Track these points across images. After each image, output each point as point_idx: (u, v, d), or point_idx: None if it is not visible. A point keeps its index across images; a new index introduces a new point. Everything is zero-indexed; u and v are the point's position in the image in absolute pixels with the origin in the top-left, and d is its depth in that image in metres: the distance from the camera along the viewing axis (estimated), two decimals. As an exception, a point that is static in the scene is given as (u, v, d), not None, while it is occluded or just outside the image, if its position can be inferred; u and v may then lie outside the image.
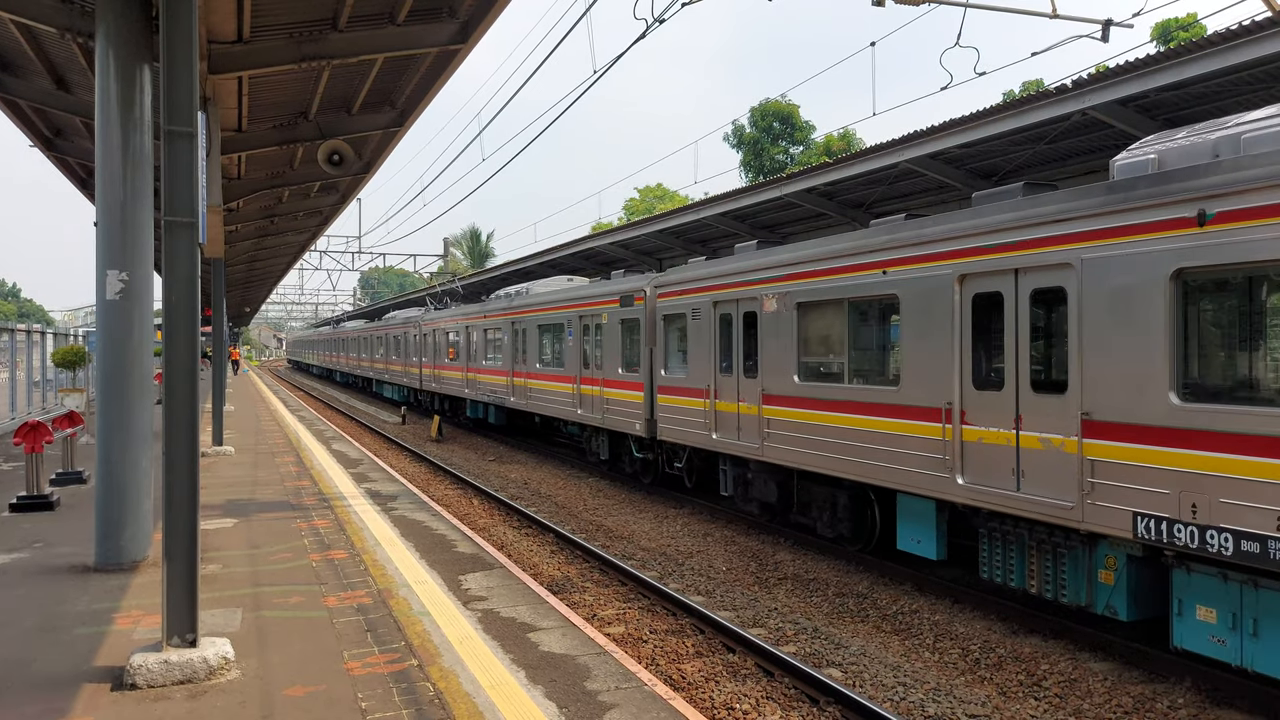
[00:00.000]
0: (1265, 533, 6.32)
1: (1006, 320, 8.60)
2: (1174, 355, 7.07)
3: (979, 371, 9.01)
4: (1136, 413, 7.30)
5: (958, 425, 9.11)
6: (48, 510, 11.38)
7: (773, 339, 12.17)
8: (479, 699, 5.55)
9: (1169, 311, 7.08)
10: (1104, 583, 7.95)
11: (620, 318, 16.91)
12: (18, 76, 12.76)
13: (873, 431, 10.28)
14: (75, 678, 5.77)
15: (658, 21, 10.29)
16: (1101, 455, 7.58)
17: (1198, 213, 6.80)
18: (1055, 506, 8.00)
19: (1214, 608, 6.98)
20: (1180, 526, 6.93)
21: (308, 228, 29.39)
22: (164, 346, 5.84)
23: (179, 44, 5.88)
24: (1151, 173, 7.55)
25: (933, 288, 9.41)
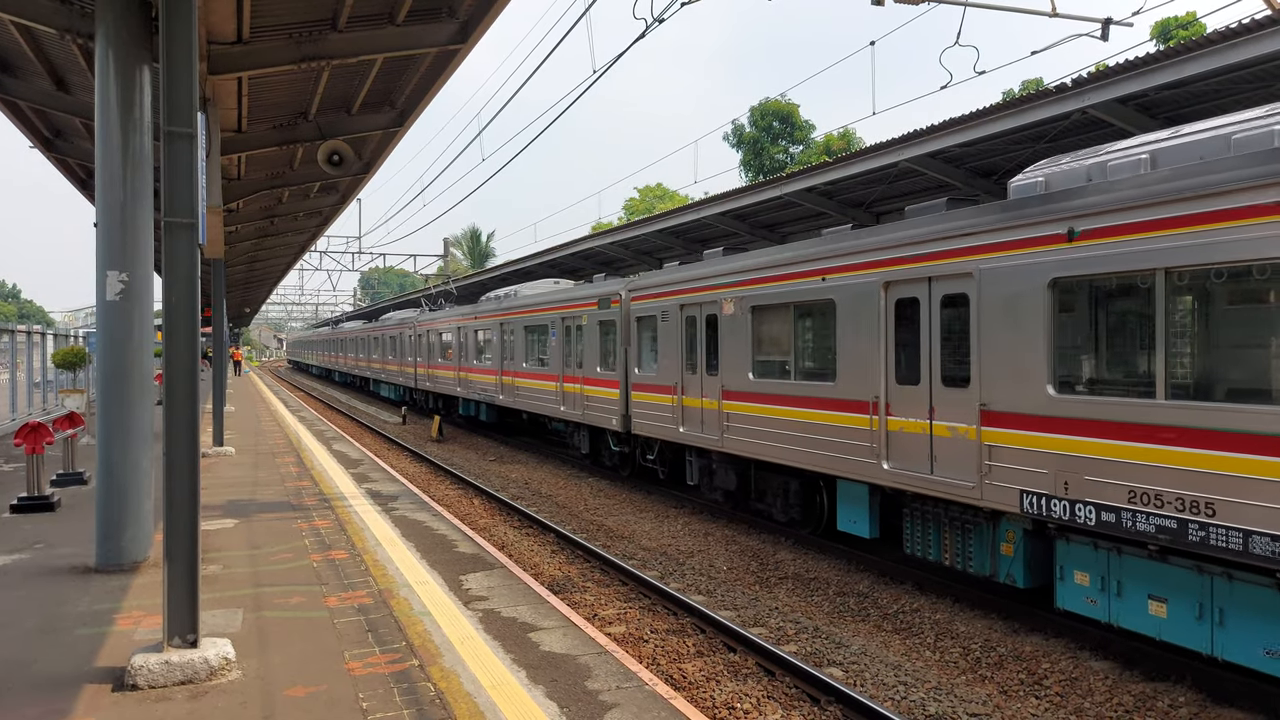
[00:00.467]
0: (1119, 504, 7.44)
1: (922, 323, 9.66)
2: (1050, 353, 8.15)
3: (901, 368, 10.02)
4: (1022, 403, 8.39)
5: (883, 416, 10.16)
6: (48, 511, 11.39)
7: (731, 339, 13.22)
8: (480, 699, 5.55)
9: (1046, 315, 8.15)
10: (1005, 554, 8.96)
11: (598, 319, 17.86)
12: (17, 77, 12.76)
13: (815, 423, 11.33)
14: (76, 678, 5.77)
15: (657, 21, 10.29)
16: (996, 441, 8.67)
17: (1068, 230, 7.89)
18: (961, 487, 9.03)
19: (1088, 573, 8.06)
20: (1056, 501, 8.01)
21: (308, 228, 29.39)
22: (164, 347, 5.84)
23: (179, 45, 5.88)
24: (1038, 194, 8.58)
25: (863, 293, 10.49)
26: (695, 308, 14.22)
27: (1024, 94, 13.22)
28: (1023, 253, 8.37)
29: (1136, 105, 11.66)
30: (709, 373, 13.82)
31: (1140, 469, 7.30)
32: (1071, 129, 12.65)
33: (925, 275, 9.51)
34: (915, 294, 9.73)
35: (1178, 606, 7.32)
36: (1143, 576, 7.58)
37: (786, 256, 12.01)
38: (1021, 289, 8.37)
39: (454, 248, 73.14)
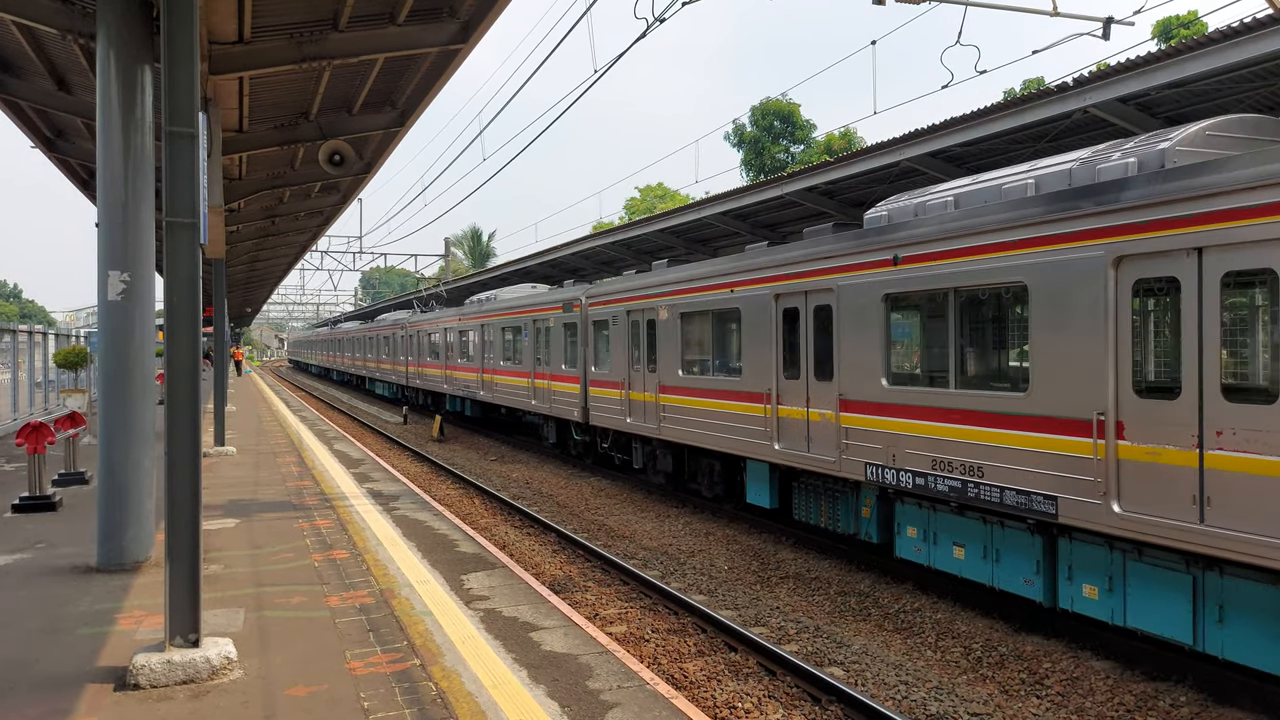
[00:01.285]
0: (926, 471, 9.45)
1: (801, 328, 11.60)
2: (884, 353, 10.22)
3: (787, 365, 12.00)
4: (866, 393, 10.44)
5: (775, 405, 12.14)
6: (50, 511, 11.40)
7: (665, 341, 15.13)
8: (481, 698, 5.55)
9: (881, 323, 10.21)
10: (864, 516, 10.93)
11: (563, 322, 19.71)
12: (19, 77, 12.76)
13: (728, 412, 13.21)
14: (78, 678, 5.78)
15: (658, 21, 10.30)
16: (850, 424, 10.70)
17: (894, 256, 9.93)
18: (827, 462, 11.03)
19: (915, 527, 9.98)
20: (888, 470, 10.03)
21: (309, 228, 29.40)
22: (165, 347, 5.84)
23: (180, 45, 5.88)
24: (879, 226, 10.60)
25: (760, 303, 12.40)
26: (639, 313, 16.11)
27: (1025, 93, 13.22)
28: (867, 273, 10.40)
29: (1138, 104, 11.65)
30: (649, 370, 15.67)
31: (939, 443, 9.30)
32: (1073, 128, 12.64)
33: (803, 289, 11.56)
34: (796, 304, 11.75)
35: (971, 549, 9.28)
36: (949, 528, 9.58)
37: (706, 271, 14.00)
38: (866, 302, 10.40)
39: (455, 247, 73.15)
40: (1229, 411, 6.68)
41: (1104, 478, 7.54)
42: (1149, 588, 7.49)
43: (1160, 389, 7.38)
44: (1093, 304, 7.67)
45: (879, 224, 10.68)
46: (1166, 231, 7.08)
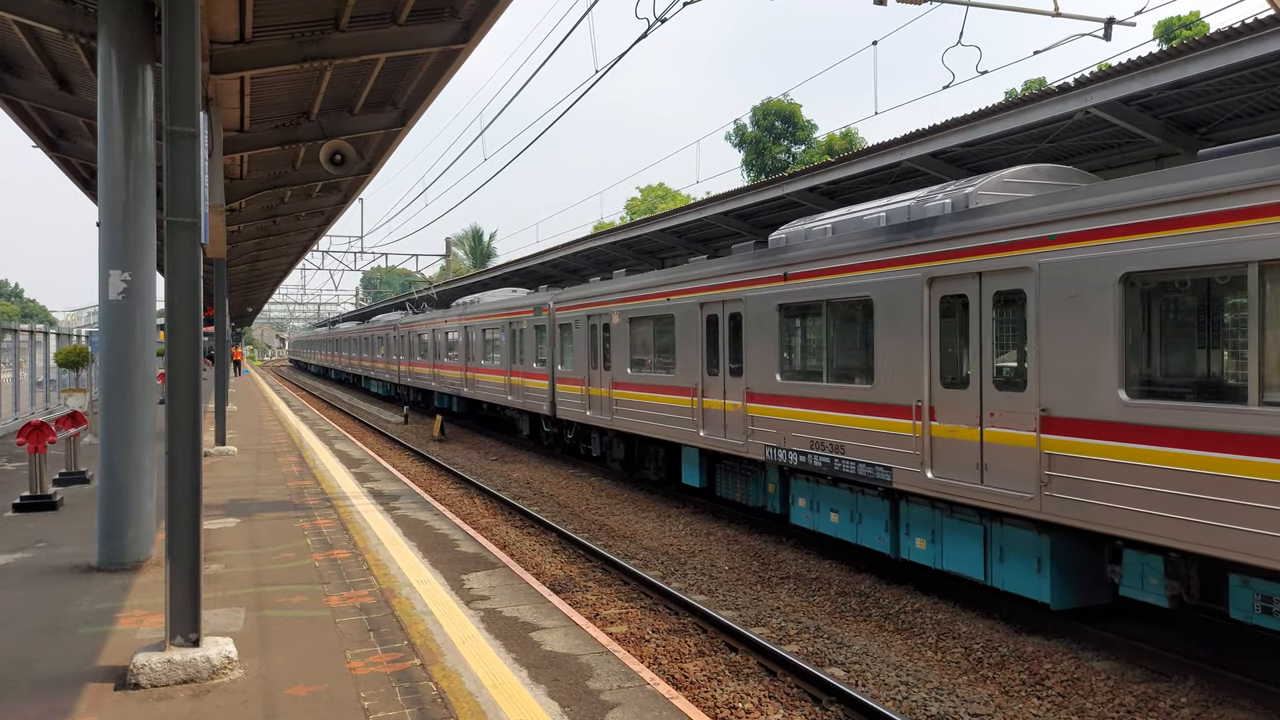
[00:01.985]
0: (806, 450, 11.40)
1: (719, 331, 13.51)
2: (779, 352, 12.17)
3: (710, 364, 13.82)
4: (766, 387, 12.33)
5: (700, 398, 14.05)
6: (51, 510, 11.40)
7: (617, 343, 16.99)
8: (481, 698, 5.55)
9: (776, 327, 12.15)
10: (770, 492, 12.75)
11: (534, 325, 21.54)
12: (20, 77, 12.77)
13: (666, 405, 15.18)
14: (79, 677, 5.78)
15: (659, 20, 10.29)
16: (754, 413, 12.59)
17: (784, 273, 11.90)
18: (738, 445, 12.90)
19: (804, 498, 11.92)
20: (780, 450, 11.94)
21: (310, 228, 29.39)
22: (166, 347, 5.85)
23: (181, 44, 5.88)
24: (778, 247, 12.41)
25: (689, 311, 14.39)
26: (597, 317, 17.98)
27: (1026, 94, 13.21)
28: (766, 286, 12.35)
29: (1139, 105, 11.65)
30: (605, 369, 17.51)
31: (816, 427, 11.26)
32: (1074, 129, 12.63)
33: (721, 299, 13.47)
34: (716, 312, 13.64)
35: (843, 514, 11.19)
36: (826, 497, 11.50)
37: (650, 281, 15.93)
38: (765, 311, 12.34)
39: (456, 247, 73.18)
40: (998, 398, 8.65)
41: (922, 451, 9.58)
42: (957, 537, 9.46)
43: (958, 382, 9.23)
44: (914, 316, 9.67)
45: (778, 245, 12.52)
46: (959, 259, 9.09)
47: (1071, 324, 7.95)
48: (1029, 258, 8.28)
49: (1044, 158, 14.10)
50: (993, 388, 8.72)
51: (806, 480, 11.84)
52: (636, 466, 17.35)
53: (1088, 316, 7.76)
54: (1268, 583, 6.75)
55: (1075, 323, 7.92)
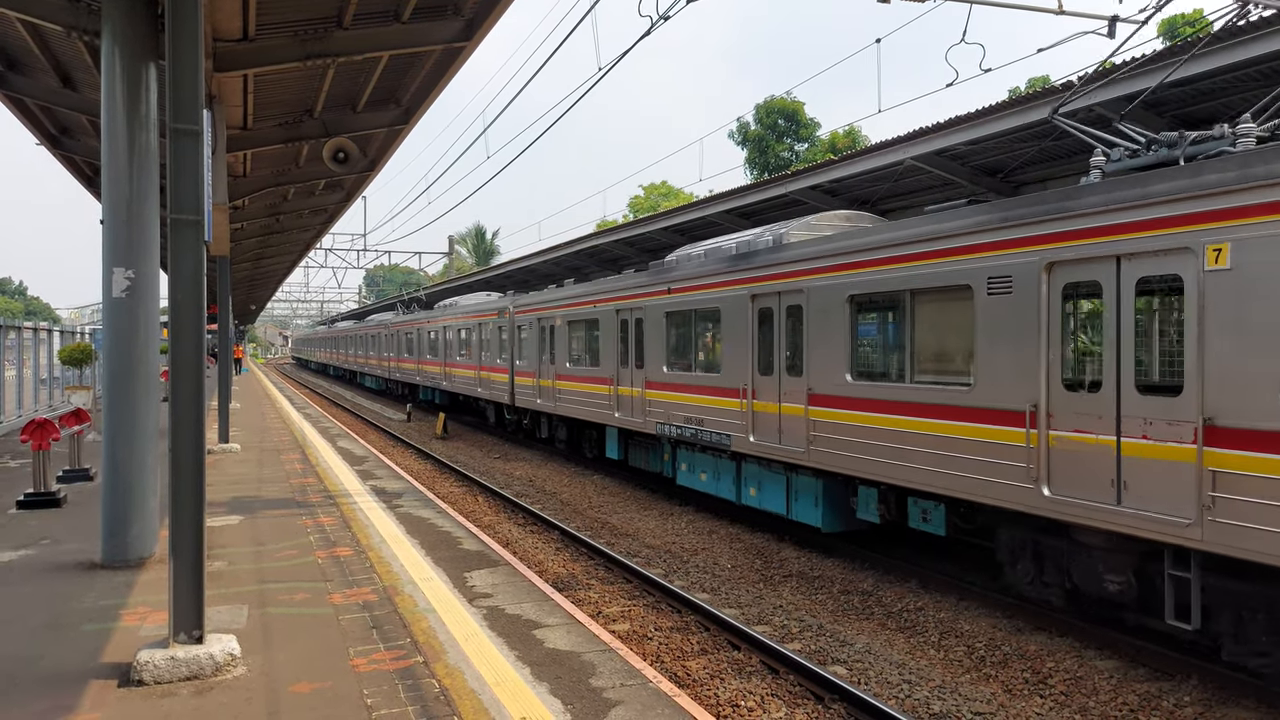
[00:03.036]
0: (681, 424, 14.43)
1: (628, 332, 16.68)
2: (665, 348, 15.26)
3: (622, 359, 16.91)
4: (657, 376, 15.46)
5: (616, 387, 17.10)
6: (54, 507, 11.42)
7: (559, 341, 20.05)
8: (484, 696, 5.56)
9: (663, 330, 15.30)
10: (665, 460, 15.80)
11: (498, 325, 24.78)
12: (24, 75, 12.77)
13: (594, 393, 18.13)
14: (82, 674, 5.79)
15: (662, 18, 10.28)
16: (650, 397, 15.74)
17: (668, 287, 15.11)
18: (639, 423, 16.13)
19: (685, 464, 14.95)
20: (665, 426, 15.04)
21: (313, 225, 29.39)
22: (170, 344, 5.85)
23: (184, 42, 5.89)
24: (667, 265, 15.91)
25: (609, 315, 17.42)
26: (545, 320, 21.04)
27: (1030, 91, 13.18)
28: (657, 298, 15.55)
29: (1143, 103, 11.62)
30: (551, 363, 20.48)
31: (689, 407, 14.37)
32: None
33: (630, 306, 16.58)
34: (626, 317, 16.81)
35: (709, 475, 14.26)
36: (698, 462, 14.56)
37: (582, 291, 19.06)
38: (657, 317, 15.55)
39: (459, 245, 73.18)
40: (789, 381, 11.92)
41: (747, 422, 12.75)
42: (771, 484, 12.67)
43: (768, 369, 12.43)
44: (744, 322, 12.85)
45: (669, 265, 15.88)
46: (769, 282, 12.37)
47: (828, 328, 11.16)
48: (804, 282, 11.57)
49: (1047, 156, 14.09)
50: (786, 374, 12.05)
51: (686, 449, 14.94)
52: (577, 446, 20.48)
53: (833, 324, 11.10)
54: (925, 501, 10.07)
55: (829, 328, 11.12)
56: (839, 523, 11.60)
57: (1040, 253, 8.21)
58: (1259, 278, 6.58)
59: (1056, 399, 8.11)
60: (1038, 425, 8.24)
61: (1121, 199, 7.58)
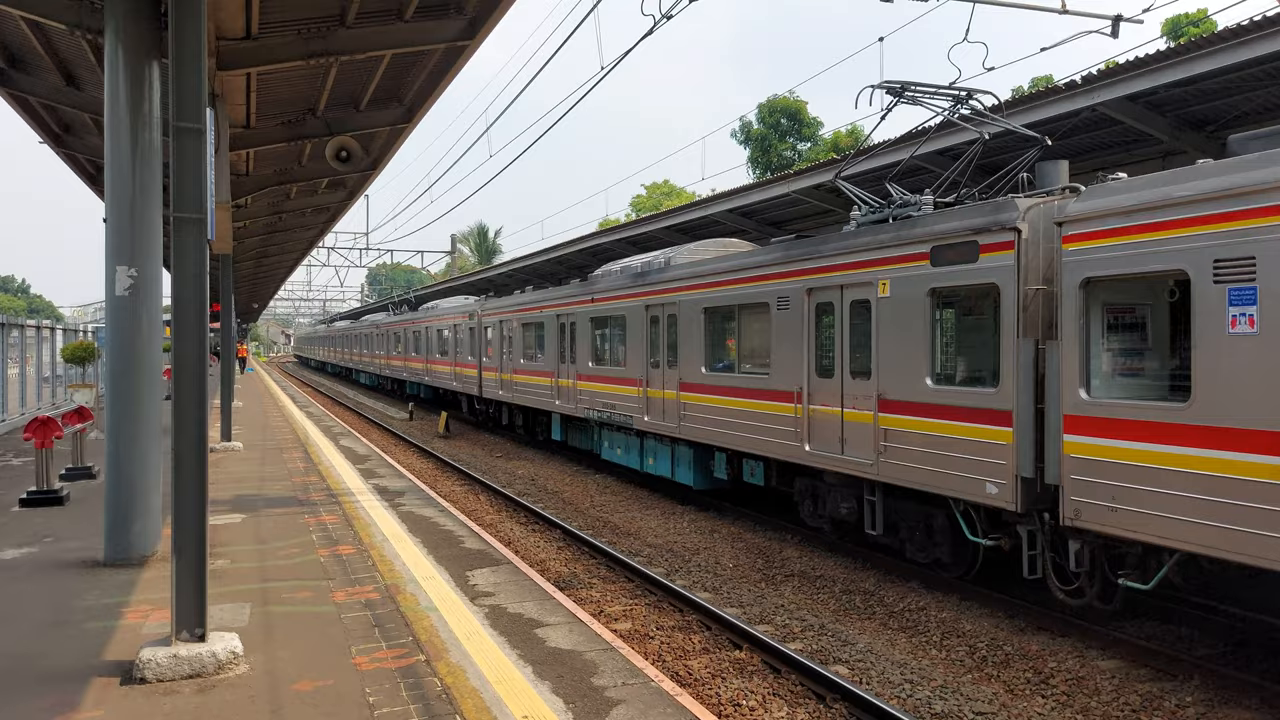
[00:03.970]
0: (599, 409, 17.53)
1: (565, 333, 19.83)
2: (591, 347, 18.31)
3: (561, 356, 20.03)
4: (585, 370, 18.59)
5: (557, 379, 20.19)
6: (58, 505, 11.44)
7: (516, 341, 23.29)
8: (486, 694, 5.56)
9: (590, 332, 18.27)
10: (595, 440, 18.74)
11: (469, 327, 27.99)
12: (27, 73, 12.78)
13: (540, 384, 21.46)
14: (85, 671, 5.81)
15: (665, 17, 10.28)
16: (580, 387, 18.90)
17: (592, 298, 18.04)
18: (573, 409, 19.14)
19: (608, 442, 18.02)
20: (591, 410, 18.04)
21: (315, 224, 29.41)
22: (173, 342, 5.86)
23: (188, 41, 5.89)
24: (593, 279, 18.81)
25: (551, 319, 20.60)
26: (506, 323, 24.06)
27: (1033, 91, 13.17)
28: (584, 305, 18.63)
29: (1146, 103, 11.61)
30: (509, 359, 23.70)
31: (605, 394, 17.40)
32: (1080, 126, 12.59)
33: (566, 312, 19.70)
34: (564, 321, 19.84)
35: (624, 450, 17.36)
36: (616, 440, 17.64)
37: (531, 298, 22.28)
38: (584, 322, 18.64)
39: (461, 244, 73.16)
40: (666, 373, 15.25)
41: (644, 406, 15.93)
42: (663, 455, 15.84)
43: (656, 364, 15.60)
44: (641, 326, 16.12)
45: (592, 280, 19.00)
46: (655, 296, 15.60)
47: (691, 332, 14.49)
48: (678, 296, 14.87)
49: (1050, 155, 14.06)
50: (667, 367, 15.21)
51: (607, 430, 17.99)
52: (531, 431, 23.70)
53: (695, 329, 14.34)
54: (752, 460, 13.27)
55: (692, 332, 14.46)
56: (704, 482, 14.78)
57: (804, 281, 11.62)
58: (904, 301, 9.94)
59: (812, 382, 11.52)
60: (802, 401, 11.62)
61: (843, 248, 10.98)
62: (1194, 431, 6.98)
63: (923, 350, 9.72)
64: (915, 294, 9.78)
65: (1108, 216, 7.70)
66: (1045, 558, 8.70)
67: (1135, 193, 7.53)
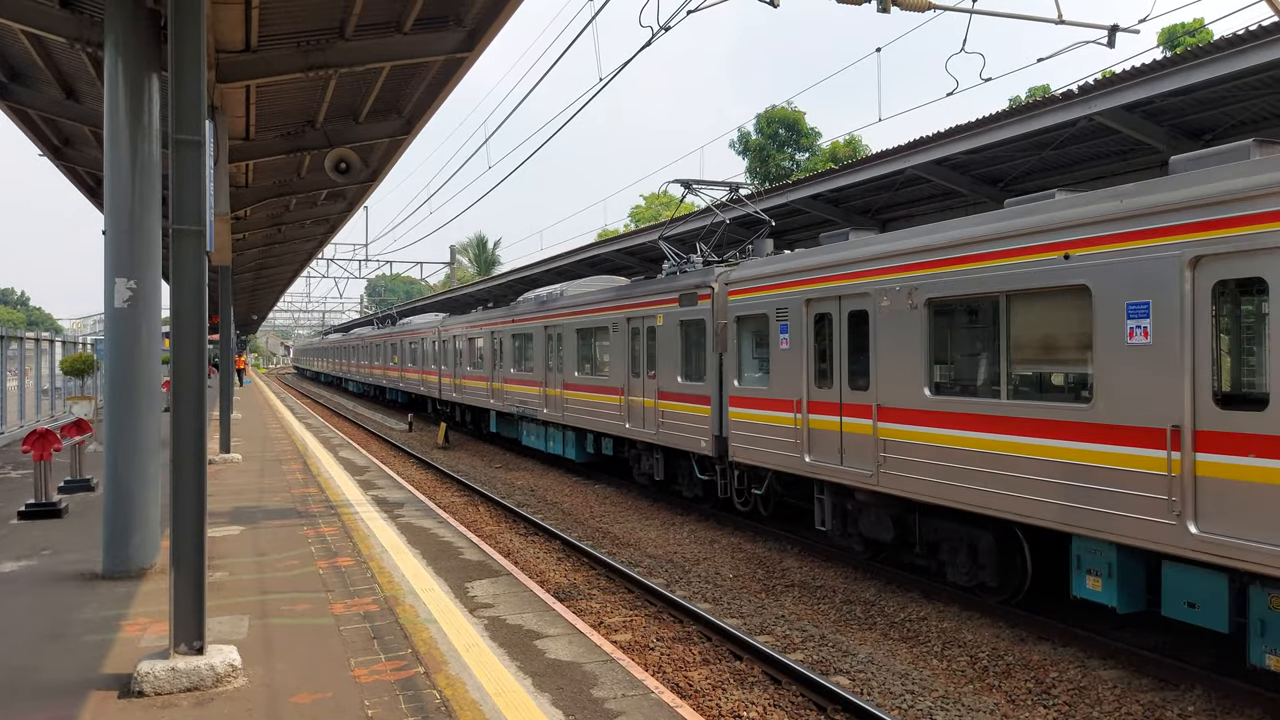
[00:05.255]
0: (519, 406, 22.56)
1: (497, 346, 24.44)
2: (513, 358, 23.13)
3: (494, 364, 24.40)
4: (509, 376, 23.48)
5: (491, 383, 24.63)
6: (56, 518, 11.41)
7: (466, 352, 27.67)
8: (485, 706, 5.54)
9: (512, 346, 23.32)
10: (519, 430, 23.16)
11: (432, 340, 32.77)
12: (27, 86, 12.81)
13: (480, 388, 25.93)
14: (83, 685, 5.78)
15: (663, 29, 10.31)
16: (507, 389, 23.74)
17: (513, 319, 23.22)
18: (502, 406, 23.89)
19: (526, 430, 22.67)
20: (515, 407, 22.94)
21: (315, 235, 29.45)
22: (172, 354, 5.86)
23: (187, 53, 5.91)
24: (515, 304, 24.05)
25: (489, 334, 25.07)
26: (460, 337, 28.63)
27: (1030, 101, 13.22)
28: (508, 325, 23.56)
29: (1143, 112, 11.65)
30: (461, 367, 28.46)
31: (523, 394, 22.11)
32: (1077, 136, 12.63)
33: (497, 330, 24.17)
34: (499, 336, 24.36)
35: (536, 437, 21.74)
36: (531, 430, 22.09)
37: (475, 317, 26.95)
38: (508, 338, 23.44)
39: (460, 255, 73.21)
40: (556, 377, 19.87)
41: (544, 402, 20.28)
42: (557, 439, 20.25)
43: (552, 369, 19.94)
44: (541, 342, 20.24)
45: (514, 305, 23.89)
46: (552, 320, 20.18)
47: (569, 345, 19.03)
48: (560, 320, 19.86)
49: (1048, 165, 14.11)
50: (575, 372, 18.89)
51: (524, 421, 22.49)
52: (477, 426, 28.27)
53: (570, 343, 19.19)
54: (606, 439, 18.02)
55: (570, 345, 19.01)
56: (582, 455, 19.49)
57: (624, 313, 16.78)
58: (668, 328, 15.23)
59: (630, 380, 16.60)
60: (623, 394, 16.77)
61: (642, 293, 16.26)
62: (770, 403, 12.36)
63: (677, 359, 14.96)
64: (672, 323, 15.12)
65: (743, 281, 13.09)
66: (731, 485, 13.82)
67: (750, 269, 13.07)
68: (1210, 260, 6.86)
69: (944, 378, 9.86)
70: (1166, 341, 7.17)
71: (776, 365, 12.15)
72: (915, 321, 9.74)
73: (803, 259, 11.82)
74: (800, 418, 11.63)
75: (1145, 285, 7.30)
